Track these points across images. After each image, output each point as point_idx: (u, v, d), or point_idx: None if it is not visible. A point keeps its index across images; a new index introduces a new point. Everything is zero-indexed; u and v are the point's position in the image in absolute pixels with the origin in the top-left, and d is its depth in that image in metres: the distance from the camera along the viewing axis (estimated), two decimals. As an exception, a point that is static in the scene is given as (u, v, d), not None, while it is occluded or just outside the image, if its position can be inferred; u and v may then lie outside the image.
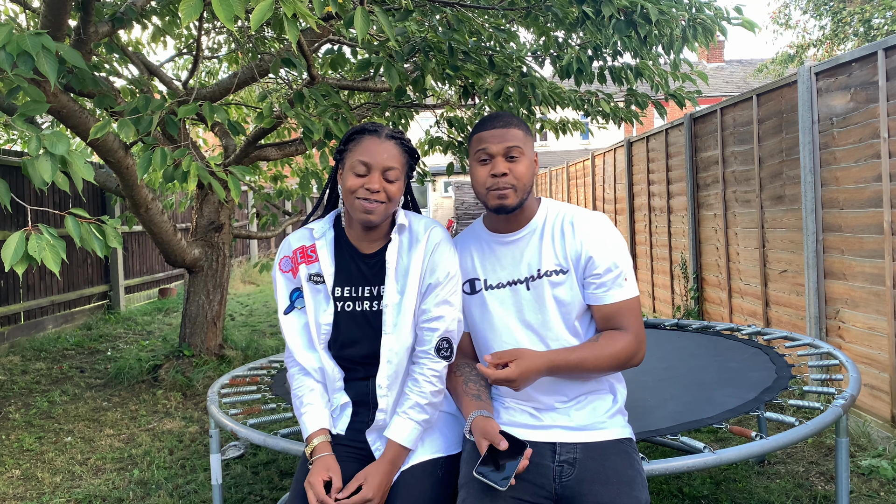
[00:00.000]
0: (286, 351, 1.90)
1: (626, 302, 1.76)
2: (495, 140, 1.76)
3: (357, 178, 1.77)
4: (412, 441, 1.76)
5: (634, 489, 1.65)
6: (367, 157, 1.77)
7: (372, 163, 1.76)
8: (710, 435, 3.68)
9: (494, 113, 1.84)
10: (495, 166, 1.75)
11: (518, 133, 1.77)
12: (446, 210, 26.08)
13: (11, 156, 6.73)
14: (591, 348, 1.73)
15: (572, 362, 1.70)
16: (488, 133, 1.77)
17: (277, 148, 5.49)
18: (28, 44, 2.39)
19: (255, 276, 12.07)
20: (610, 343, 1.74)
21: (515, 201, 1.76)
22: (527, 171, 1.77)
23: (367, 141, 1.80)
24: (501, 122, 1.78)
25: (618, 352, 1.73)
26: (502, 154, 1.75)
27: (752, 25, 3.92)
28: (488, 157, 1.77)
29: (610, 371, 1.75)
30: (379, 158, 1.77)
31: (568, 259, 1.78)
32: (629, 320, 1.76)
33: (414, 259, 1.81)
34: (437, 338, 1.78)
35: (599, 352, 1.72)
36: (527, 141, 1.79)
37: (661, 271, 7.28)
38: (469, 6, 4.36)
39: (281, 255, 1.89)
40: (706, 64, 28.19)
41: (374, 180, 1.76)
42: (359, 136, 1.82)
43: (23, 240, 2.22)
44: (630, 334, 1.75)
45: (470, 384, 1.79)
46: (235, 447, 2.54)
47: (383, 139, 1.81)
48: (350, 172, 1.78)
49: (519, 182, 1.75)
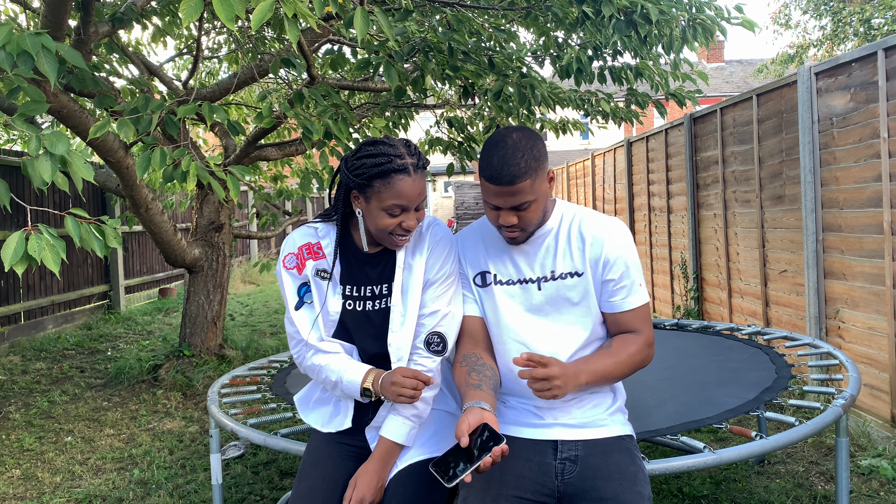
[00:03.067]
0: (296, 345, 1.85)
1: (640, 308, 1.79)
2: (502, 198, 1.69)
3: (392, 217, 1.72)
4: (403, 436, 1.75)
5: (637, 484, 1.66)
6: (403, 200, 1.70)
7: (409, 204, 1.71)
8: (710, 435, 3.68)
9: (501, 157, 1.67)
10: (504, 217, 1.72)
11: (526, 185, 1.67)
12: (446, 210, 26.09)
13: (11, 156, 6.73)
14: (610, 356, 1.74)
15: (597, 371, 1.70)
16: (495, 188, 1.68)
17: (277, 148, 5.49)
18: (28, 44, 2.39)
19: (255, 276, 12.06)
20: (625, 348, 1.76)
21: (525, 238, 1.78)
22: (538, 210, 1.73)
23: (399, 183, 1.70)
24: (507, 178, 1.65)
25: (632, 354, 1.76)
26: (510, 207, 1.71)
27: (752, 25, 3.92)
28: (497, 207, 1.72)
29: (628, 375, 1.77)
30: (415, 199, 1.72)
31: (586, 263, 1.78)
32: (641, 325, 1.80)
33: (418, 258, 1.81)
34: (427, 332, 1.79)
35: (618, 358, 1.74)
36: (536, 183, 1.69)
37: (661, 271, 7.28)
38: (469, 6, 4.36)
39: (285, 252, 1.87)
40: (706, 64, 28.19)
41: (411, 218, 1.73)
42: (388, 176, 1.70)
43: (22, 240, 2.22)
44: (642, 337, 1.78)
45: (473, 374, 1.76)
46: (235, 447, 2.54)
47: (415, 177, 1.72)
48: (382, 212, 1.72)
49: (529, 224, 1.74)
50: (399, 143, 1.75)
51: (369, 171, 1.70)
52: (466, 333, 1.86)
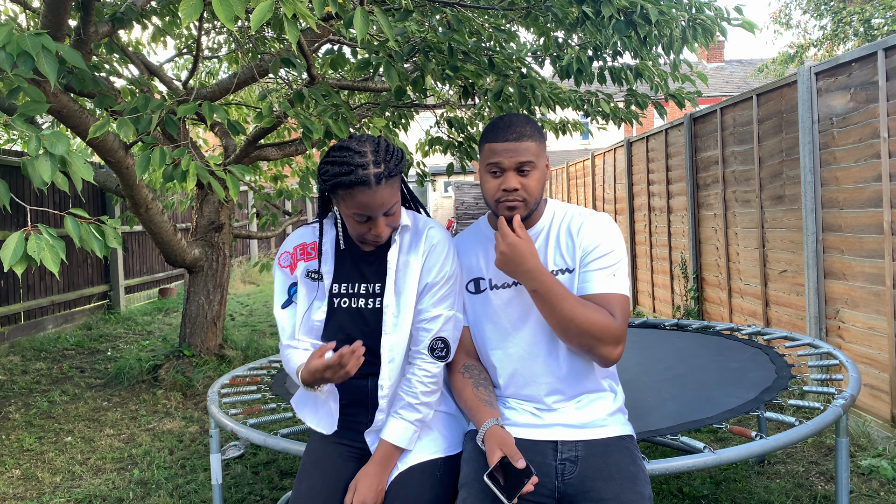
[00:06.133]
0: (281, 344, 1.89)
1: (615, 295, 1.73)
2: (507, 154, 1.71)
3: (360, 224, 1.72)
4: (405, 440, 1.75)
5: (637, 485, 1.66)
6: (366, 210, 1.68)
7: (372, 214, 1.70)
8: (710, 435, 3.68)
9: (508, 119, 1.76)
10: (506, 181, 1.72)
11: (531, 146, 1.72)
12: (446, 210, 26.07)
13: (11, 156, 6.73)
14: (576, 299, 1.69)
15: (557, 290, 1.68)
16: (501, 146, 1.72)
17: (277, 148, 5.48)
18: (28, 44, 2.39)
19: (255, 276, 12.06)
20: (594, 309, 1.69)
21: (525, 213, 1.76)
22: (538, 183, 1.75)
23: (360, 195, 1.66)
24: (514, 135, 1.72)
25: (596, 321, 1.66)
26: (514, 169, 1.72)
27: (752, 26, 3.92)
28: (499, 170, 1.74)
29: (576, 335, 1.68)
30: (377, 209, 1.69)
31: (575, 259, 1.78)
32: (617, 312, 1.71)
33: (413, 259, 1.80)
34: (430, 338, 1.78)
35: (582, 307, 1.67)
36: (540, 152, 1.75)
37: (661, 271, 7.28)
38: (469, 6, 4.36)
39: (282, 251, 1.90)
40: (706, 64, 28.19)
41: (379, 225, 1.72)
42: (349, 187, 1.65)
43: (22, 240, 2.22)
44: (615, 322, 1.69)
45: (480, 389, 1.78)
46: (235, 447, 2.54)
47: (377, 189, 1.66)
48: (350, 218, 1.72)
49: (530, 196, 1.74)
50: (368, 149, 1.68)
51: (332, 180, 1.68)
52: (459, 341, 1.86)
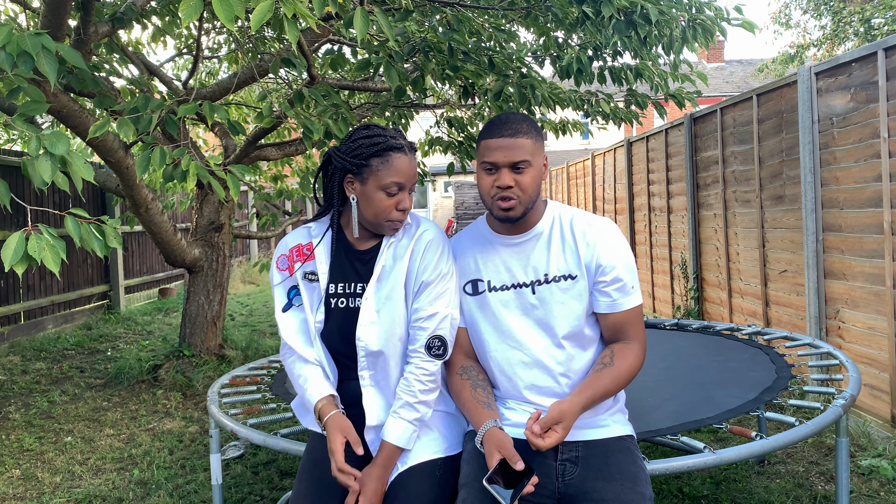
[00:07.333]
0: (282, 348, 1.89)
1: (634, 310, 1.79)
2: (502, 151, 1.71)
3: (389, 197, 1.75)
4: (405, 440, 1.75)
5: (638, 485, 1.65)
6: (401, 177, 1.75)
7: (406, 182, 1.76)
8: (710, 435, 3.68)
9: (504, 116, 1.76)
10: (500, 178, 1.72)
11: (526, 143, 1.71)
12: (446, 210, 26.07)
13: (11, 156, 6.73)
14: (610, 375, 1.72)
15: (598, 396, 1.70)
16: (496, 143, 1.72)
17: (277, 148, 5.48)
18: (28, 44, 2.39)
19: (255, 276, 12.06)
20: (624, 361, 1.75)
21: (520, 211, 1.74)
22: (533, 181, 1.73)
23: (397, 160, 1.75)
24: (510, 131, 1.71)
25: (631, 366, 1.76)
26: (508, 166, 1.71)
27: (752, 26, 3.92)
28: (494, 167, 1.73)
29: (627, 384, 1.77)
30: (411, 177, 1.77)
31: (581, 266, 1.77)
32: (635, 329, 1.79)
33: (403, 255, 1.80)
34: (427, 336, 1.77)
35: (618, 374, 1.73)
36: (536, 149, 1.74)
37: (661, 271, 7.28)
38: (469, 6, 4.36)
39: (278, 253, 1.90)
40: (706, 64, 28.18)
41: (405, 199, 1.77)
42: (385, 154, 1.75)
43: (22, 240, 2.22)
44: (637, 344, 1.78)
45: (479, 390, 1.78)
46: (235, 447, 2.53)
47: (410, 156, 1.78)
48: (380, 192, 1.75)
49: (524, 193, 1.73)
50: (389, 128, 1.83)
51: (367, 151, 1.75)
52: (456, 342, 1.85)
